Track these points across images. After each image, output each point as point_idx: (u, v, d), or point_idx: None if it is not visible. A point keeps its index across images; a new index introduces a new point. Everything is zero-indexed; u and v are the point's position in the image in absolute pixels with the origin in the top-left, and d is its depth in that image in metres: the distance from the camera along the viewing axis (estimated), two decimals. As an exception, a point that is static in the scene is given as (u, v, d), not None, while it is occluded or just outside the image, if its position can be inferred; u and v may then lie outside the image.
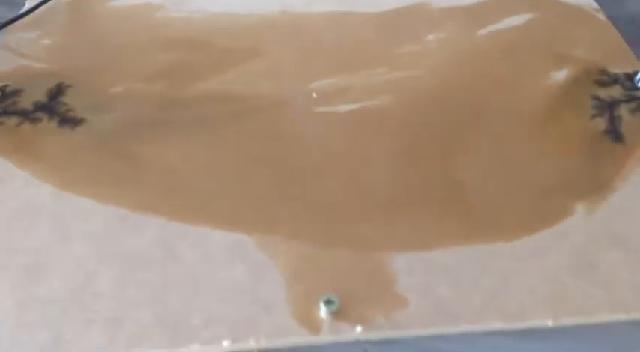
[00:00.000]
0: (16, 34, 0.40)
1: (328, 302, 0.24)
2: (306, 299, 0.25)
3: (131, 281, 0.26)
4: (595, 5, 0.44)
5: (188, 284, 0.26)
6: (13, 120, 0.34)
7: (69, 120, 0.33)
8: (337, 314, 0.25)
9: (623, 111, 0.35)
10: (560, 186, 0.31)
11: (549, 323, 0.25)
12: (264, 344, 0.24)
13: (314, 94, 0.36)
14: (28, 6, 0.43)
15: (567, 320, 0.25)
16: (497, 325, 0.25)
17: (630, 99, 0.36)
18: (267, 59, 0.39)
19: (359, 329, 0.24)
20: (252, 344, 0.24)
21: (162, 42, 0.40)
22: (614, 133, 0.34)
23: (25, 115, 0.34)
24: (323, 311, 0.24)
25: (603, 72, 0.38)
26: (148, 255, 0.27)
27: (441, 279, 0.26)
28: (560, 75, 0.38)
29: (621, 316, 0.25)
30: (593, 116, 0.35)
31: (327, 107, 0.35)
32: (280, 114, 0.35)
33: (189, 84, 0.36)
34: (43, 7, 0.42)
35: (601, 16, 0.43)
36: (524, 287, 0.26)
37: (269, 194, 0.30)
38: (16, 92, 0.35)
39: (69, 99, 0.35)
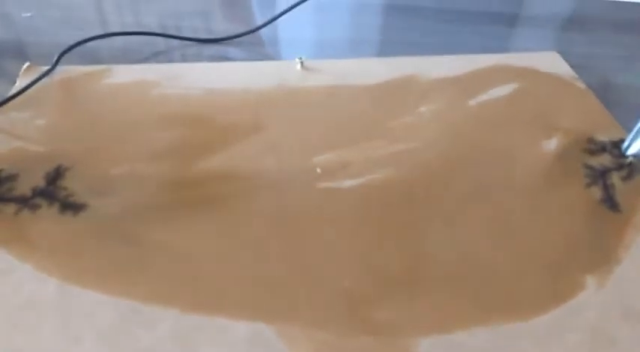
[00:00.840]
0: (7, 115, 0.39)
1: (359, 398, 0.24)
2: (333, 393, 0.25)
3: (148, 383, 0.25)
4: (573, 73, 0.47)
5: (209, 382, 0.25)
6: (10, 208, 0.32)
7: (70, 206, 0.33)
8: (367, 409, 0.24)
9: (615, 179, 0.36)
10: (568, 258, 0.31)
11: (579, 406, 0.25)
12: None
13: (318, 170, 0.36)
14: (18, 84, 0.42)
15: (595, 402, 0.25)
16: (529, 411, 0.24)
17: (620, 166, 0.37)
18: (267, 134, 0.39)
19: None
20: None
21: (160, 119, 0.40)
22: (610, 202, 0.35)
23: (24, 202, 0.33)
24: (353, 407, 0.24)
25: (591, 140, 0.40)
26: (163, 351, 0.26)
27: (466, 364, 0.26)
28: (551, 145, 0.39)
29: (646, 393, 0.25)
30: (588, 185, 0.36)
31: (331, 183, 0.35)
32: (285, 191, 0.35)
33: (192, 163, 0.36)
34: (34, 87, 0.42)
35: (580, 85, 0.45)
36: (548, 369, 0.26)
37: (283, 279, 0.29)
38: (12, 177, 0.34)
39: (68, 182, 0.34)
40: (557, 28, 0.56)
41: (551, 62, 0.48)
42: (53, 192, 0.33)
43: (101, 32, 0.48)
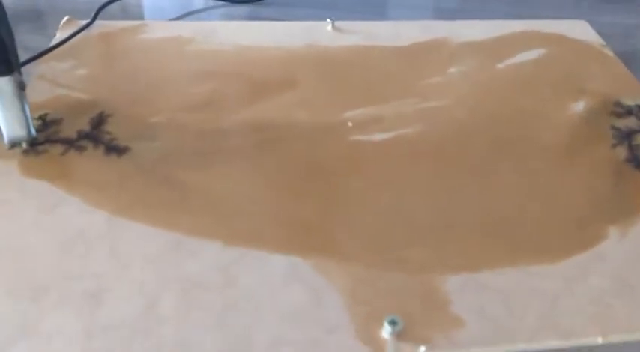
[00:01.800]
0: (49, 64, 0.41)
1: (392, 323, 0.25)
2: (367, 320, 0.26)
3: (193, 306, 0.26)
4: (601, 41, 0.47)
5: (249, 307, 0.26)
6: (57, 148, 0.34)
7: (114, 149, 0.34)
8: (399, 335, 0.25)
9: (641, 140, 0.37)
10: (592, 210, 0.32)
11: (599, 340, 0.26)
12: (331, 365, 0.24)
13: (350, 123, 0.37)
14: (59, 36, 0.44)
15: (615, 338, 0.26)
16: (552, 343, 0.26)
17: (646, 129, 0.38)
18: (298, 90, 0.40)
19: (422, 349, 0.25)
20: (320, 365, 0.24)
21: (195, 73, 0.41)
22: (635, 161, 0.36)
23: (70, 144, 0.34)
24: (387, 331, 0.25)
25: (617, 104, 0.40)
26: (207, 278, 0.27)
27: (493, 300, 0.27)
28: (579, 107, 0.40)
29: (665, 333, 0.26)
30: (614, 145, 0.37)
31: (362, 136, 0.37)
32: (318, 141, 0.36)
33: (227, 114, 0.38)
34: (74, 39, 0.43)
35: (608, 52, 0.46)
36: (572, 308, 0.27)
37: (318, 219, 0.31)
38: (57, 121, 0.36)
39: (111, 127, 0.36)
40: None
41: (580, 30, 0.48)
42: (97, 135, 0.35)
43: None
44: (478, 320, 0.26)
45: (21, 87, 0.32)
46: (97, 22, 0.45)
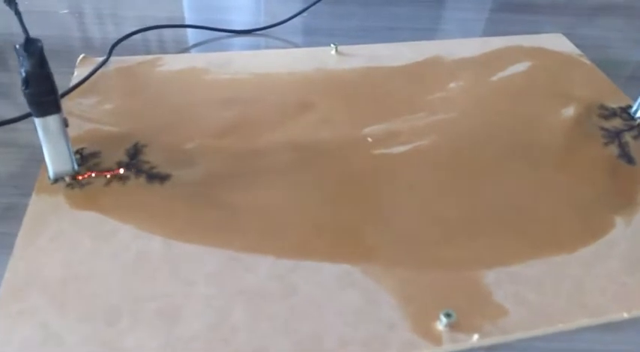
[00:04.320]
0: (75, 101, 0.42)
1: (448, 315, 0.28)
2: (420, 316, 0.29)
3: (261, 314, 0.28)
4: (579, 51, 0.52)
5: (312, 311, 0.29)
6: (100, 180, 0.36)
7: (156, 176, 0.36)
8: (451, 327, 0.28)
9: (628, 138, 0.42)
10: (597, 203, 0.36)
11: (625, 315, 0.29)
12: (397, 357, 0.27)
13: (369, 139, 0.40)
14: (77, 74, 0.45)
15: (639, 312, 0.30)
16: (585, 321, 0.29)
17: (631, 127, 0.43)
18: (316, 111, 0.43)
19: (476, 337, 0.28)
20: (387, 358, 0.27)
21: (217, 101, 0.43)
22: (627, 157, 0.40)
23: (112, 174, 0.36)
24: (442, 323, 0.28)
25: (602, 107, 0.45)
26: (268, 289, 0.30)
27: (527, 288, 0.30)
28: (568, 111, 0.44)
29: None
30: (606, 144, 0.41)
31: (384, 149, 0.40)
32: (344, 157, 0.39)
33: (256, 136, 0.40)
34: (93, 75, 0.45)
35: (586, 60, 0.51)
36: (595, 289, 0.30)
37: (357, 227, 0.34)
38: (95, 154, 0.38)
39: (149, 157, 0.37)
40: (555, 14, 0.62)
41: (557, 42, 0.53)
42: (137, 165, 0.37)
43: (135, 28, 0.51)
44: (518, 308, 0.29)
45: (65, 124, 0.34)
46: (113, 58, 0.47)
